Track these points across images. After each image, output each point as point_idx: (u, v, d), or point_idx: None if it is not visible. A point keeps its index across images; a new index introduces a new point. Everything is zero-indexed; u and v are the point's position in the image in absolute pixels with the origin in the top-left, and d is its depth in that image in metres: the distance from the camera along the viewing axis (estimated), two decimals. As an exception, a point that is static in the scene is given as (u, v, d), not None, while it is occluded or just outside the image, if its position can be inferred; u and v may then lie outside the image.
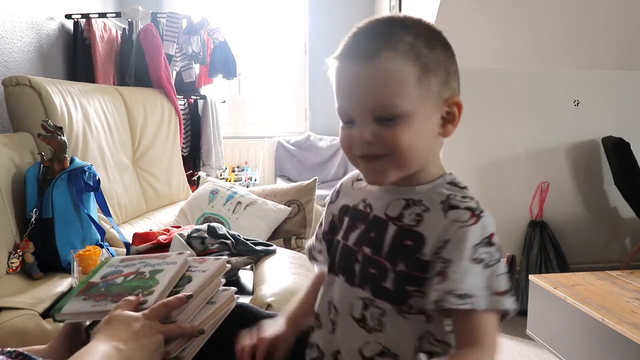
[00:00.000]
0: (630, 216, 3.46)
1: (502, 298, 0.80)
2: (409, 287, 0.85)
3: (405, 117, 0.82)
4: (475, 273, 0.80)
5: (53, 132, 1.90)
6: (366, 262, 0.90)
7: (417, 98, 0.82)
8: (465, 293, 0.79)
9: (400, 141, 0.82)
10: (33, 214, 1.84)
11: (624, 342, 2.12)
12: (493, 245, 0.82)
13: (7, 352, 0.83)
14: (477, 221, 0.82)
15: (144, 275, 1.01)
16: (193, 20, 3.37)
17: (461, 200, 0.86)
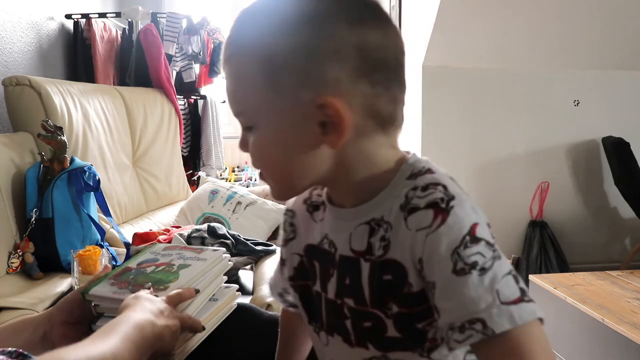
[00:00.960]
0: (630, 216, 3.46)
1: (522, 305, 0.59)
2: (419, 324, 0.67)
3: (259, 127, 0.69)
4: (471, 286, 0.60)
5: (53, 132, 1.90)
6: (355, 316, 0.72)
7: (268, 106, 0.67)
8: (466, 321, 0.59)
9: (259, 155, 0.70)
10: (33, 214, 1.84)
11: (624, 342, 2.12)
12: (480, 241, 0.62)
13: (7, 352, 0.83)
14: (446, 217, 0.62)
15: (172, 269, 1.02)
16: (193, 21, 3.37)
17: (422, 196, 0.65)
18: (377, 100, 0.66)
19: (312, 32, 0.64)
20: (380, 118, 0.67)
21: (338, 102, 0.63)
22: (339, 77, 0.64)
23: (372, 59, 0.65)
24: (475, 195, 3.51)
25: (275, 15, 0.66)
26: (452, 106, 3.47)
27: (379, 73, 0.66)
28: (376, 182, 0.69)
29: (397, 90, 0.68)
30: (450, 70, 3.45)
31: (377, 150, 0.69)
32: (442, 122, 3.46)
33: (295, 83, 0.64)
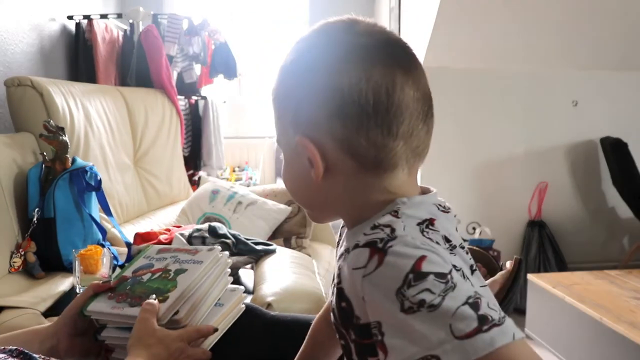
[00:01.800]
0: (628, 216, 3.47)
1: (479, 337, 0.55)
2: (370, 358, 0.67)
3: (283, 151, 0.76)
4: (421, 325, 0.57)
5: (55, 132, 1.91)
6: (338, 332, 0.75)
7: (280, 134, 0.75)
8: (421, 357, 0.56)
9: (282, 177, 0.78)
10: (35, 213, 1.85)
11: (622, 341, 2.13)
12: (427, 276, 0.58)
13: (8, 351, 0.84)
14: (383, 257, 0.60)
15: (168, 275, 0.99)
16: (194, 22, 3.38)
17: (369, 233, 0.64)
18: (352, 142, 0.67)
19: (301, 77, 0.70)
20: (359, 159, 0.68)
21: (308, 141, 0.68)
22: (314, 119, 0.68)
23: (343, 101, 0.66)
24: (474, 195, 3.52)
25: (291, 66, 0.73)
26: (452, 106, 3.48)
27: (350, 116, 0.66)
28: (363, 217, 0.70)
29: (376, 135, 0.66)
30: (450, 71, 3.46)
31: (362, 190, 0.70)
32: (441, 122, 3.44)
33: (289, 124, 0.71)
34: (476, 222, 3.45)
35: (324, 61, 0.68)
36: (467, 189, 3.50)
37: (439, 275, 0.58)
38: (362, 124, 0.66)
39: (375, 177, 0.69)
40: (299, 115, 0.70)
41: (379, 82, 0.66)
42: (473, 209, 3.49)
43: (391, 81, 0.67)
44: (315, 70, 0.69)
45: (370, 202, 0.70)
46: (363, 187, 0.70)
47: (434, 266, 0.59)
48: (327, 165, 0.69)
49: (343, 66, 0.67)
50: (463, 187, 3.48)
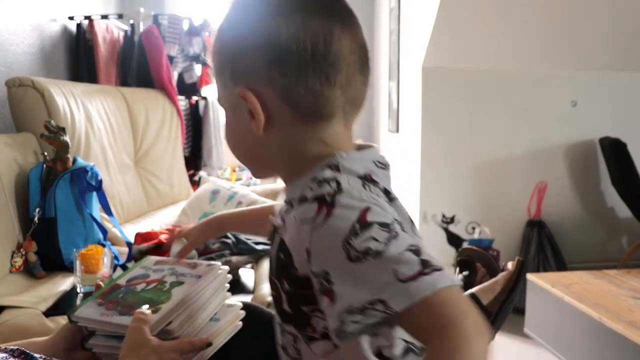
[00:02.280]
0: (627, 216, 3.47)
1: (421, 279, 0.58)
2: (304, 307, 0.70)
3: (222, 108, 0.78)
4: (368, 271, 0.60)
5: (56, 132, 1.92)
6: (271, 283, 0.79)
7: (221, 92, 0.77)
8: (367, 301, 0.59)
9: (225, 135, 0.80)
10: (36, 213, 1.85)
11: (621, 341, 2.13)
12: (371, 225, 0.62)
13: (9, 350, 0.84)
14: (331, 210, 0.63)
15: (164, 287, 0.96)
16: (194, 22, 3.39)
17: (314, 188, 0.67)
18: (291, 90, 0.70)
19: (236, 31, 0.73)
20: (297, 108, 0.70)
21: (249, 93, 0.70)
22: (253, 69, 0.70)
23: (282, 49, 0.69)
24: (473, 195, 3.53)
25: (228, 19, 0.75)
26: (452, 107, 3.48)
27: (288, 63, 0.69)
28: (299, 169, 0.73)
29: (314, 81, 0.69)
30: (450, 71, 3.47)
31: (298, 140, 0.73)
32: (441, 123, 3.48)
33: (228, 77, 0.73)
34: (475, 221, 3.46)
35: (261, 13, 0.71)
36: (466, 188, 3.50)
37: (383, 224, 0.62)
38: (301, 72, 0.68)
39: (312, 126, 0.72)
40: (237, 67, 0.72)
41: (317, 31, 0.69)
42: (472, 208, 3.49)
43: (329, 31, 0.69)
44: (252, 22, 0.71)
45: (307, 155, 0.72)
46: (301, 137, 0.72)
47: (377, 216, 0.62)
48: (267, 115, 0.71)
49: (281, 17, 0.69)
50: (462, 187, 3.49)
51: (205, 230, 1.10)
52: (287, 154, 0.73)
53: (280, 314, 0.76)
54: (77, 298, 1.66)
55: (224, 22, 0.76)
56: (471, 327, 0.57)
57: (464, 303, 0.59)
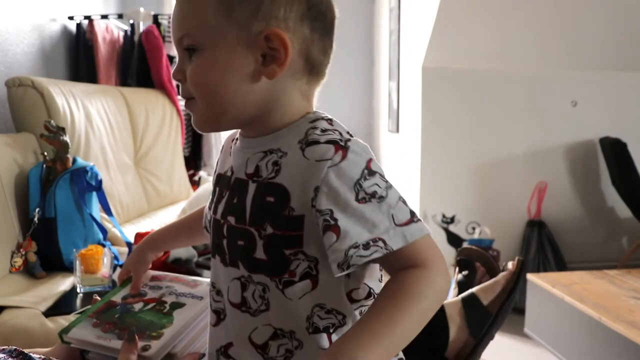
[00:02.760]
0: (627, 216, 3.47)
1: (412, 226, 0.70)
2: (287, 251, 0.73)
3: (204, 50, 0.74)
4: (372, 212, 0.69)
5: (55, 132, 1.92)
6: (232, 233, 0.79)
7: (216, 29, 0.73)
8: (370, 239, 0.69)
9: (198, 77, 0.75)
10: (36, 213, 1.85)
11: (621, 341, 2.13)
12: (375, 173, 0.71)
13: (8, 351, 0.84)
14: (346, 153, 0.70)
15: (164, 308, 0.92)
16: (194, 22, 3.39)
17: (320, 134, 0.73)
18: (312, 45, 0.76)
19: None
20: (310, 62, 0.76)
21: (284, 35, 0.72)
22: (287, 15, 0.73)
23: (315, 9, 0.75)
24: (474, 195, 3.53)
25: None
26: (452, 107, 3.49)
27: (318, 23, 0.76)
28: (279, 119, 0.77)
29: (328, 44, 0.78)
30: (450, 71, 3.47)
31: (296, 95, 0.78)
32: (441, 123, 3.48)
33: (249, 13, 0.72)
34: (476, 221, 3.46)
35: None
36: (466, 188, 3.50)
37: (382, 175, 0.72)
38: (325, 34, 0.77)
39: (310, 83, 0.79)
40: (270, 8, 0.72)
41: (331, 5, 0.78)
42: (472, 208, 3.49)
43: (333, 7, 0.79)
44: None
45: (293, 107, 0.77)
46: (298, 90, 0.78)
47: (377, 167, 0.72)
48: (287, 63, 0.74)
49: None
50: (462, 187, 3.49)
51: (140, 260, 1.04)
52: (277, 103, 0.76)
53: (249, 263, 0.76)
54: (77, 298, 1.67)
55: None
56: (443, 269, 0.72)
57: (438, 251, 0.73)
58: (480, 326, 1.21)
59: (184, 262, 1.75)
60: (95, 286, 1.70)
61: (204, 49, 0.74)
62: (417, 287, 0.69)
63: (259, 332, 0.78)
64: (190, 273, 1.74)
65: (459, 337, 1.21)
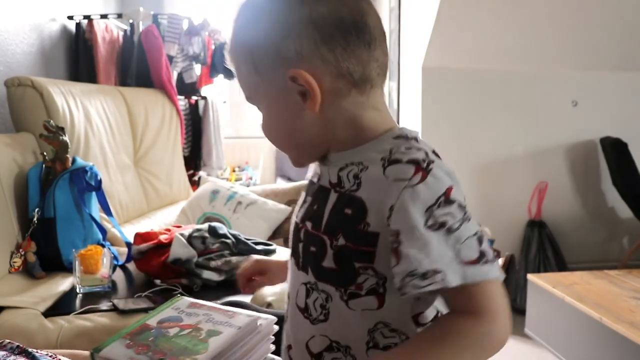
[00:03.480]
0: (628, 216, 3.47)
1: (477, 267, 0.68)
2: (357, 264, 0.74)
3: (260, 105, 0.81)
4: (437, 242, 0.67)
5: (55, 132, 1.91)
6: (307, 239, 0.81)
7: (257, 86, 0.79)
8: (428, 270, 0.66)
9: (264, 129, 0.82)
10: (35, 213, 1.85)
11: (622, 341, 2.13)
12: (453, 203, 0.69)
13: (9, 348, 0.84)
14: (426, 176, 0.69)
15: (199, 334, 0.89)
16: (194, 22, 3.38)
17: (404, 152, 0.72)
18: (342, 63, 0.74)
19: (273, 20, 0.75)
20: (351, 78, 0.75)
21: (303, 72, 0.73)
22: (301, 50, 0.73)
23: (326, 27, 0.73)
24: (474, 195, 3.52)
25: (249, 14, 0.78)
26: (452, 106, 3.48)
27: (336, 39, 0.73)
28: (361, 138, 0.77)
29: (361, 51, 0.75)
30: (450, 71, 3.46)
31: (358, 110, 0.77)
32: (441, 123, 3.47)
33: (272, 64, 0.75)
34: (476, 222, 3.45)
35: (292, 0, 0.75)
36: (466, 188, 3.40)
37: (461, 205, 0.70)
38: (348, 45, 0.74)
39: (364, 94, 0.77)
40: (281, 53, 0.74)
41: (352, 7, 0.75)
42: (473, 208, 3.39)
43: (360, 6, 0.76)
44: (290, 8, 0.74)
45: (365, 122, 0.77)
46: (357, 106, 0.77)
47: (458, 196, 0.70)
48: (322, 91, 0.74)
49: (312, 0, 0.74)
50: (463, 187, 3.48)
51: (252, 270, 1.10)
52: (344, 124, 0.77)
53: (318, 271, 0.78)
54: (77, 299, 1.66)
55: (251, 16, 0.78)
56: (500, 322, 0.68)
57: (503, 300, 0.69)
58: None
59: (183, 263, 1.75)
60: (94, 286, 1.70)
61: (259, 104, 0.80)
62: (463, 339, 0.68)
63: (316, 341, 0.79)
64: (189, 273, 1.75)
65: None
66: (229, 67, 3.75)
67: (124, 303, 1.58)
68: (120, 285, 1.79)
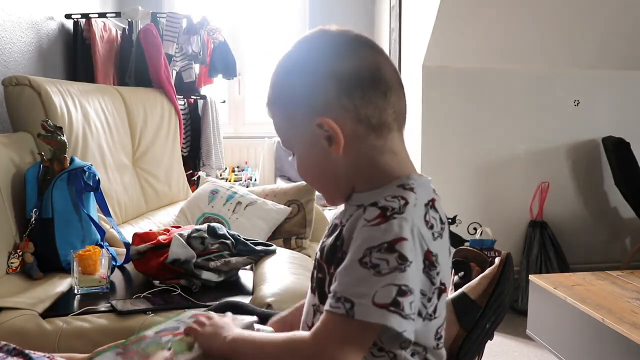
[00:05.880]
0: (630, 216, 3.46)
1: (381, 310, 0.74)
2: None
3: (295, 151, 0.92)
4: (360, 278, 0.76)
5: (53, 132, 1.90)
6: (317, 266, 0.92)
7: (290, 134, 0.91)
8: (342, 296, 0.76)
9: (299, 171, 0.93)
10: (33, 214, 1.84)
11: (624, 342, 2.12)
12: (394, 252, 0.76)
13: (6, 350, 0.84)
14: (382, 222, 0.78)
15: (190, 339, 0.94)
16: (193, 20, 3.37)
17: (386, 199, 0.81)
18: (360, 111, 0.85)
19: (303, 76, 0.88)
20: (369, 124, 0.85)
21: (328, 119, 0.84)
22: (326, 101, 0.85)
23: (346, 81, 0.85)
24: (474, 195, 3.51)
25: (281, 72, 0.92)
26: (452, 106, 3.47)
27: (355, 90, 0.84)
28: (377, 181, 0.87)
29: (378, 99, 0.85)
30: (450, 70, 3.45)
31: (376, 153, 0.87)
32: (442, 122, 3.46)
33: (302, 115, 0.87)
34: (477, 222, 3.44)
35: (321, 55, 0.88)
36: (468, 189, 3.49)
37: (402, 257, 0.76)
38: (366, 94, 0.85)
39: (381, 138, 0.87)
40: (311, 104, 0.86)
41: (369, 61, 0.87)
42: (474, 209, 3.47)
43: (377, 60, 0.87)
44: (316, 63, 0.87)
45: (381, 166, 0.87)
46: (375, 149, 0.87)
47: (404, 250, 0.76)
48: (345, 136, 0.85)
49: (340, 55, 0.86)
50: (464, 188, 3.47)
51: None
52: (365, 167, 0.87)
53: (321, 295, 0.88)
54: (75, 299, 1.65)
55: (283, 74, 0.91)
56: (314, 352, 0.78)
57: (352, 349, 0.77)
58: (470, 319, 1.21)
59: (182, 263, 1.74)
60: (92, 287, 1.69)
61: (294, 149, 0.92)
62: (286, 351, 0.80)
63: None
64: (188, 274, 1.74)
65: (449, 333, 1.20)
66: (229, 67, 3.74)
67: (122, 304, 1.57)
68: (118, 286, 1.79)
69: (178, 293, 1.68)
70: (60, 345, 1.44)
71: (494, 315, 1.22)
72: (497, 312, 1.22)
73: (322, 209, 2.84)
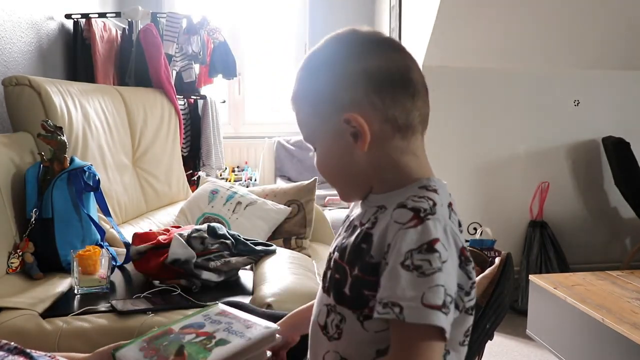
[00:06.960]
0: (630, 216, 3.46)
1: (433, 312, 0.74)
2: (367, 292, 0.83)
3: (318, 146, 0.92)
4: (406, 281, 0.76)
5: (53, 132, 1.90)
6: (334, 267, 0.92)
7: (316, 129, 0.92)
8: (390, 302, 0.76)
9: (319, 166, 0.94)
10: (33, 214, 1.83)
11: (624, 342, 2.12)
12: (434, 253, 0.77)
13: (7, 349, 0.84)
14: (419, 224, 0.78)
15: (209, 342, 0.94)
16: (193, 20, 3.37)
17: (414, 200, 0.82)
18: (389, 110, 0.85)
19: (332, 71, 0.88)
20: (395, 124, 0.86)
21: (356, 115, 0.85)
22: (355, 98, 0.85)
23: (377, 79, 0.85)
24: (475, 195, 3.51)
25: (311, 66, 0.92)
26: (453, 106, 3.47)
27: (385, 89, 0.85)
28: (397, 182, 0.88)
29: (406, 101, 0.86)
30: (450, 70, 3.45)
31: (398, 154, 0.88)
32: (442, 122, 3.46)
33: (329, 110, 0.88)
34: (477, 222, 3.44)
35: (352, 52, 0.88)
36: (467, 189, 3.49)
37: (441, 257, 0.77)
38: (396, 95, 0.86)
39: (407, 140, 0.88)
40: (339, 99, 0.86)
41: (400, 63, 0.88)
42: (474, 209, 3.47)
43: (406, 63, 0.88)
44: (347, 60, 0.88)
45: (402, 167, 0.88)
46: (398, 150, 0.88)
47: (442, 249, 0.77)
48: (371, 132, 0.85)
49: (370, 53, 0.87)
50: (464, 188, 3.47)
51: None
52: (386, 166, 0.88)
53: (338, 295, 0.88)
54: (75, 299, 1.65)
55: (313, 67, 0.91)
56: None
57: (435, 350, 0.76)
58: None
59: (182, 263, 1.74)
60: (93, 287, 1.69)
61: (316, 144, 0.93)
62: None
63: (330, 356, 0.90)
64: (188, 274, 1.73)
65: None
66: (229, 67, 3.74)
67: (122, 304, 1.57)
68: (118, 286, 1.78)
69: (178, 293, 1.68)
70: (60, 345, 1.44)
71: (494, 315, 1.22)
72: (497, 312, 1.22)
73: (322, 209, 2.83)
